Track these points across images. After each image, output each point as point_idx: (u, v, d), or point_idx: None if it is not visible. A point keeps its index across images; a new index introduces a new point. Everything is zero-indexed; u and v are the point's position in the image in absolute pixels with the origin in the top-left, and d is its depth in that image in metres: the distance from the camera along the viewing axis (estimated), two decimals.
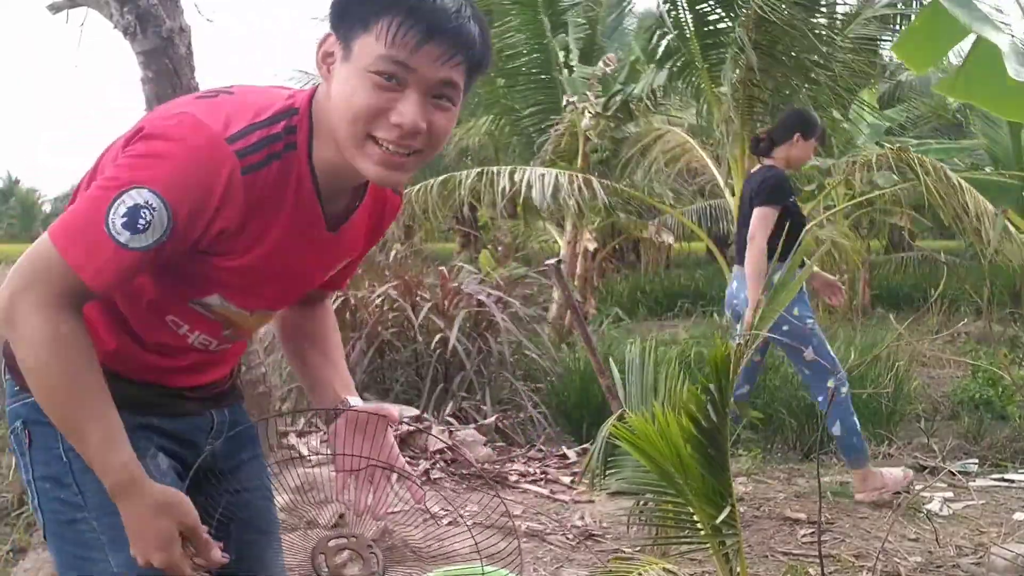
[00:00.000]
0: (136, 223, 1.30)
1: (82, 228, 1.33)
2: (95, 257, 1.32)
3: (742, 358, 2.45)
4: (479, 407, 5.88)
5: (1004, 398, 7.00)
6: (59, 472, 1.47)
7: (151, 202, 1.30)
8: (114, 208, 1.30)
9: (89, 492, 1.45)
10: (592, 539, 3.89)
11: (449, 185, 9.17)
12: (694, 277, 16.33)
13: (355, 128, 1.35)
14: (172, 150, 1.32)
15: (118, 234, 1.30)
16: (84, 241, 1.32)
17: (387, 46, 1.31)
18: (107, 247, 1.31)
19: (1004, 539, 3.83)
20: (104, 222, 1.30)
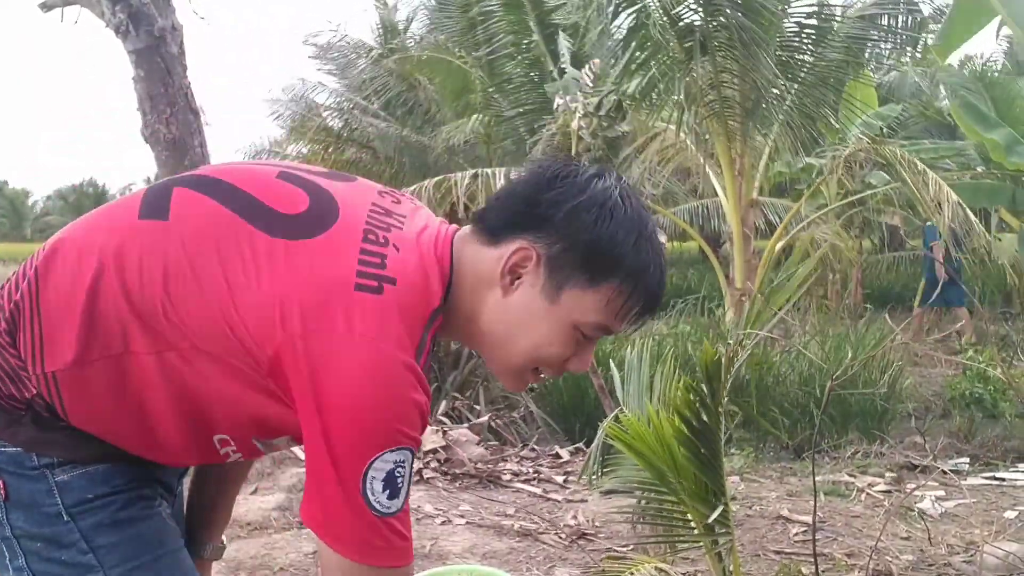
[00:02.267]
0: (396, 487, 1.22)
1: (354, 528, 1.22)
2: (397, 539, 1.26)
3: (734, 359, 2.46)
4: (472, 406, 5.89)
5: (995, 397, 7.03)
6: (59, 532, 1.29)
7: (398, 459, 1.21)
8: (369, 488, 1.20)
9: (104, 549, 1.30)
10: (585, 538, 3.89)
11: (443, 187, 9.17)
12: (687, 276, 16.35)
13: (532, 364, 1.33)
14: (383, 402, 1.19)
15: (387, 508, 1.22)
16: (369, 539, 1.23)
17: (611, 319, 1.29)
18: (394, 523, 1.24)
19: (995, 537, 3.84)
20: (370, 509, 1.21)
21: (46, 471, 1.28)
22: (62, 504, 1.28)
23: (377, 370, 1.18)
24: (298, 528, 3.83)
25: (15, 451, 1.28)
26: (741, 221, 8.53)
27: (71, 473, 1.29)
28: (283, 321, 1.18)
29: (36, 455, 1.28)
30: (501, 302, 1.30)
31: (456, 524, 4.00)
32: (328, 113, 16.84)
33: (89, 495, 1.29)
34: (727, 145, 8.44)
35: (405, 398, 1.19)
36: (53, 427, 1.28)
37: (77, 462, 1.29)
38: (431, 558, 3.60)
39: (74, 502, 1.28)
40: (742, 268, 8.50)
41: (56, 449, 1.28)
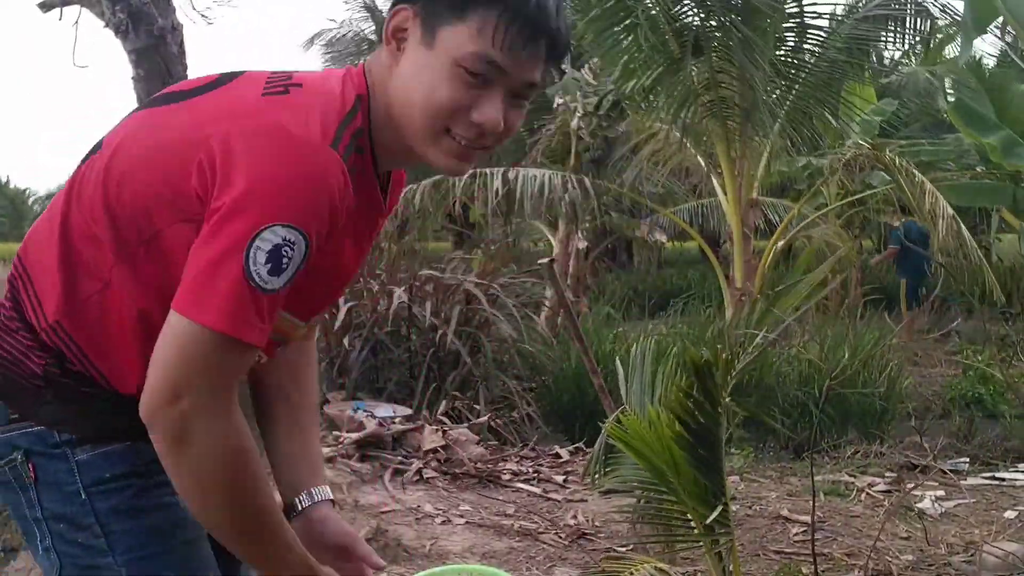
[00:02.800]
0: (280, 264, 1.18)
1: (226, 297, 1.18)
2: (251, 316, 1.19)
3: (735, 360, 2.46)
4: (472, 406, 5.88)
5: (995, 397, 7.03)
6: (77, 513, 1.32)
7: (288, 237, 1.18)
8: (251, 258, 1.17)
9: (116, 534, 1.32)
10: (585, 538, 3.89)
11: (442, 187, 9.18)
12: (687, 276, 16.35)
13: (434, 122, 1.27)
14: (291, 179, 1.19)
15: (264, 283, 1.18)
16: (236, 308, 1.18)
17: (486, 46, 1.23)
18: (258, 300, 1.19)
19: (995, 537, 3.84)
20: (247, 278, 1.17)
21: (67, 449, 1.31)
22: (80, 483, 1.31)
23: (283, 146, 1.20)
24: None
25: (40, 430, 1.31)
26: (741, 221, 8.53)
27: (90, 452, 1.32)
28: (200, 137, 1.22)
29: (58, 432, 1.31)
30: (396, 74, 1.30)
31: (456, 524, 4.00)
32: None
33: (106, 474, 1.32)
34: (726, 145, 8.44)
35: (309, 177, 1.19)
36: (74, 398, 1.31)
37: (97, 440, 1.32)
38: (431, 558, 3.60)
39: (91, 481, 1.31)
40: (742, 268, 8.51)
41: (76, 426, 1.31)
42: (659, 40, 8.06)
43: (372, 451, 4.77)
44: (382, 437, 4.85)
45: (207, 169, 1.20)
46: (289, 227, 1.18)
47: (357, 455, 4.68)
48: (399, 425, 5.02)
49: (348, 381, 5.99)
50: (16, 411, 1.33)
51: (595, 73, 10.23)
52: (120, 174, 1.28)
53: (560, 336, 7.65)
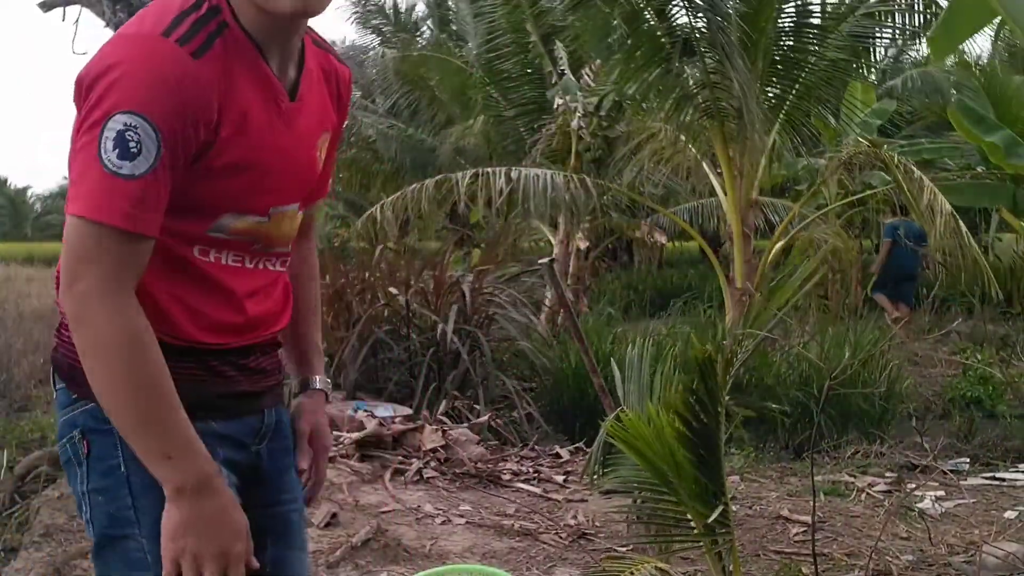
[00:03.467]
0: (128, 148, 1.27)
1: (89, 186, 1.29)
2: (115, 202, 1.28)
3: (733, 359, 2.46)
4: (472, 406, 5.88)
5: (995, 397, 7.03)
6: (114, 484, 1.41)
7: (129, 122, 1.27)
8: (102, 147, 1.27)
9: (144, 510, 1.39)
10: (585, 538, 3.89)
11: (444, 187, 9.17)
12: (687, 276, 16.34)
13: None
14: (122, 71, 1.29)
15: (118, 168, 1.28)
16: (97, 194, 1.29)
17: None
18: (118, 186, 1.28)
19: (995, 537, 3.84)
20: (102, 166, 1.27)
21: (112, 425, 1.37)
22: (121, 456, 1.39)
23: (115, 46, 1.33)
24: None
25: (93, 407, 1.39)
26: (741, 221, 8.52)
27: None
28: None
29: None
30: None
31: (456, 524, 3.99)
32: None
33: None
34: (724, 145, 8.43)
35: (137, 67, 1.29)
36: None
37: None
38: (431, 558, 3.60)
39: (131, 455, 1.37)
40: (742, 268, 8.50)
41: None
42: (651, 40, 8.04)
43: (372, 451, 4.77)
44: (382, 437, 4.85)
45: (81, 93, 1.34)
46: (129, 113, 1.27)
47: (357, 455, 4.68)
48: (399, 425, 5.02)
49: (348, 381, 5.99)
50: (76, 391, 1.43)
51: (596, 74, 10.22)
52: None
53: (560, 336, 7.65)
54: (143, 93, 1.28)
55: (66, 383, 1.46)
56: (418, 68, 14.37)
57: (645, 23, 8.02)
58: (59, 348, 1.47)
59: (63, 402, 1.46)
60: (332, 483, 4.29)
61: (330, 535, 3.71)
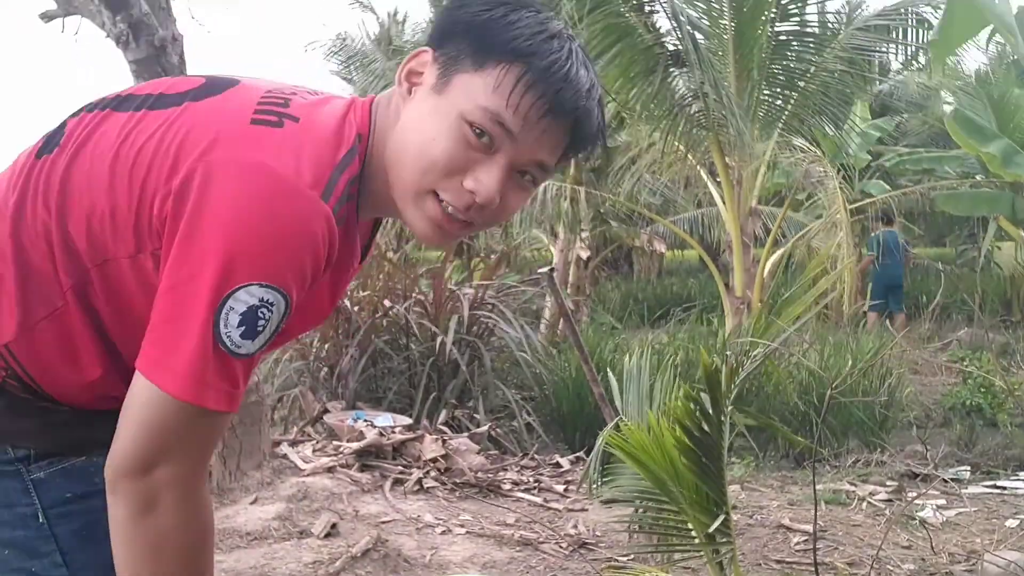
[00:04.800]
0: (256, 327, 1.06)
1: (191, 361, 1.05)
2: (222, 384, 1.07)
3: (737, 369, 2.46)
4: (472, 415, 5.88)
5: (995, 405, 7.03)
6: (32, 538, 1.19)
7: (267, 298, 1.05)
8: (224, 320, 1.04)
9: (79, 563, 1.21)
10: (586, 548, 3.88)
11: None
12: (687, 285, 16.36)
13: (423, 177, 1.12)
14: (270, 230, 1.04)
15: (237, 348, 1.06)
16: (201, 374, 1.06)
17: (499, 103, 1.09)
18: (229, 366, 1.07)
19: (997, 546, 3.83)
20: (216, 341, 1.05)
21: (21, 467, 1.18)
22: (39, 504, 1.19)
23: (266, 193, 1.04)
24: (298, 538, 3.82)
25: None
26: (740, 229, 8.53)
27: (48, 470, 1.19)
28: (175, 157, 1.08)
29: (11, 447, 1.18)
30: (400, 118, 1.16)
31: (456, 533, 3.99)
32: None
33: (67, 494, 1.20)
34: (722, 154, 8.45)
35: (295, 233, 1.05)
36: (29, 411, 1.19)
37: (54, 455, 1.20)
38: (431, 568, 3.59)
39: (51, 502, 1.19)
40: (742, 277, 8.51)
41: (32, 439, 1.19)
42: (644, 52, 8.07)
43: (372, 461, 4.76)
44: (382, 447, 4.84)
45: (178, 199, 1.06)
46: (268, 287, 1.05)
47: (357, 465, 4.67)
48: (399, 435, 5.02)
49: (347, 390, 5.99)
50: None
51: None
52: (81, 181, 1.13)
53: (560, 345, 7.65)
54: (292, 266, 1.06)
55: None
56: None
57: (637, 35, 8.05)
58: None
59: None
60: (332, 493, 4.28)
61: (330, 545, 3.70)
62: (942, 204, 11.41)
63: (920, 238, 18.86)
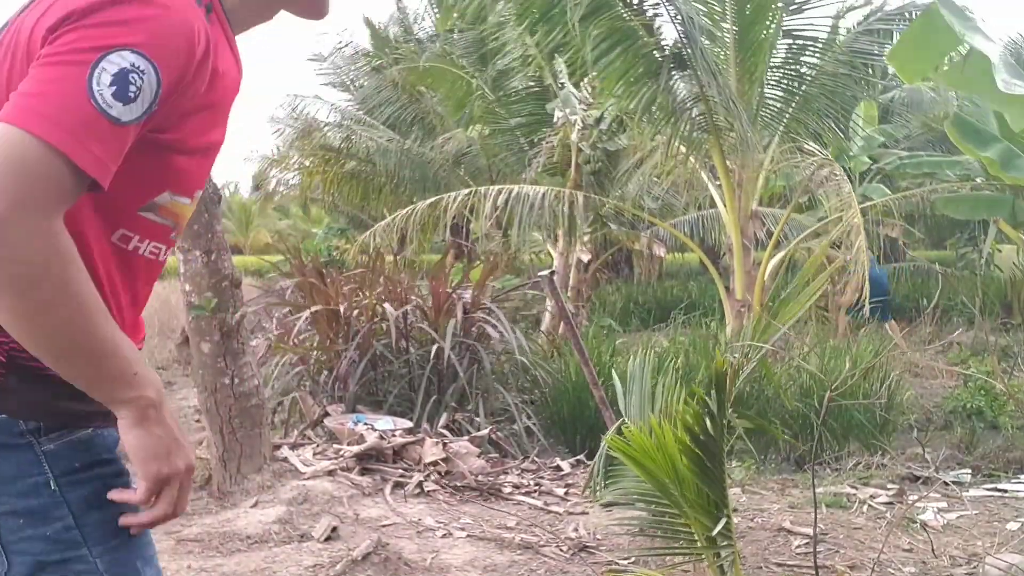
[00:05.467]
0: (127, 91, 1.11)
1: (63, 107, 1.09)
2: (91, 140, 1.10)
3: (740, 371, 2.46)
4: (472, 419, 5.88)
5: (996, 408, 7.02)
6: (45, 505, 1.25)
7: (138, 64, 1.11)
8: (96, 77, 1.09)
9: (90, 526, 1.26)
10: (586, 551, 3.88)
11: (438, 207, 9.23)
12: (687, 288, 16.36)
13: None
14: (148, 12, 1.13)
15: (109, 107, 1.10)
16: (71, 122, 1.09)
17: None
18: (101, 125, 1.10)
19: (998, 549, 3.83)
20: (90, 95, 1.09)
21: (32, 439, 1.24)
22: (51, 473, 1.25)
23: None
24: (299, 542, 3.81)
25: (1, 419, 1.23)
26: (741, 232, 8.54)
27: (57, 442, 1.25)
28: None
29: (23, 421, 1.23)
30: None
31: (457, 537, 3.98)
32: (328, 128, 16.87)
33: (76, 463, 1.26)
34: (723, 157, 8.46)
35: (170, 19, 1.14)
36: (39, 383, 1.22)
37: (62, 427, 1.26)
38: (432, 571, 3.59)
39: (62, 471, 1.25)
40: (742, 279, 8.51)
41: (42, 412, 1.24)
42: (645, 56, 8.07)
43: (373, 464, 4.76)
44: (383, 450, 4.84)
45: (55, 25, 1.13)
46: (139, 55, 1.11)
47: (358, 468, 4.67)
48: (400, 438, 5.02)
49: (348, 394, 5.99)
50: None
51: (593, 88, 10.25)
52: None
53: (560, 348, 7.65)
54: (163, 42, 1.14)
55: None
56: (423, 80, 14.40)
57: (639, 39, 8.06)
58: None
59: None
60: (332, 496, 4.28)
61: (330, 549, 3.70)
62: (942, 207, 11.41)
63: (920, 241, 18.87)
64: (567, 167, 10.31)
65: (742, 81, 8.28)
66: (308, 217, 30.39)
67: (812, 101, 8.63)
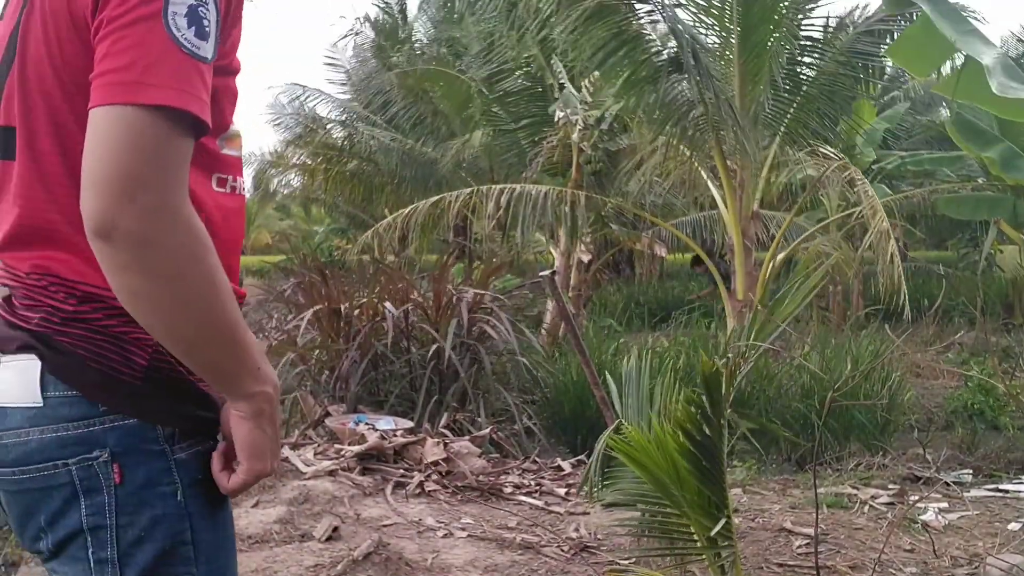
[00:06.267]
0: (203, 27, 1.08)
1: (160, 65, 1.05)
2: (197, 88, 1.07)
3: (736, 371, 2.46)
4: (473, 419, 5.88)
5: (997, 408, 7.02)
6: (167, 516, 1.20)
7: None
8: (173, 23, 1.06)
9: (202, 542, 1.23)
10: (587, 551, 3.88)
11: (439, 206, 9.24)
12: (688, 288, 16.36)
13: None
14: None
15: (197, 48, 1.07)
16: (182, 80, 1.06)
17: None
18: (199, 69, 1.08)
19: (999, 549, 3.83)
20: (177, 44, 1.06)
21: (167, 446, 1.20)
22: (180, 483, 1.21)
23: None
24: (300, 542, 3.82)
25: (135, 424, 1.18)
26: (742, 233, 8.53)
27: (187, 451, 1.22)
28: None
29: (160, 427, 1.20)
30: None
31: (458, 537, 3.98)
32: (331, 125, 16.87)
33: (199, 475, 1.23)
34: (723, 158, 8.45)
35: None
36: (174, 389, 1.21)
37: (193, 436, 1.23)
38: (433, 571, 3.59)
39: (190, 482, 1.22)
40: (743, 280, 8.50)
41: (176, 419, 1.21)
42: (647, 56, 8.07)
43: (374, 464, 4.76)
44: (384, 450, 4.84)
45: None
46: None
47: (359, 468, 4.67)
48: (400, 438, 5.02)
49: (349, 394, 5.99)
50: (103, 401, 1.18)
51: (596, 87, 10.24)
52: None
53: (561, 348, 7.66)
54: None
55: (82, 389, 1.17)
56: (423, 81, 14.41)
57: (641, 40, 8.05)
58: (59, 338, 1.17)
59: (71, 414, 1.17)
60: (334, 496, 4.28)
61: (331, 549, 3.70)
62: (943, 207, 11.40)
63: (921, 241, 18.87)
64: (568, 167, 10.31)
65: (745, 82, 8.27)
66: (309, 217, 30.42)
67: (813, 101, 8.63)
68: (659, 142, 9.43)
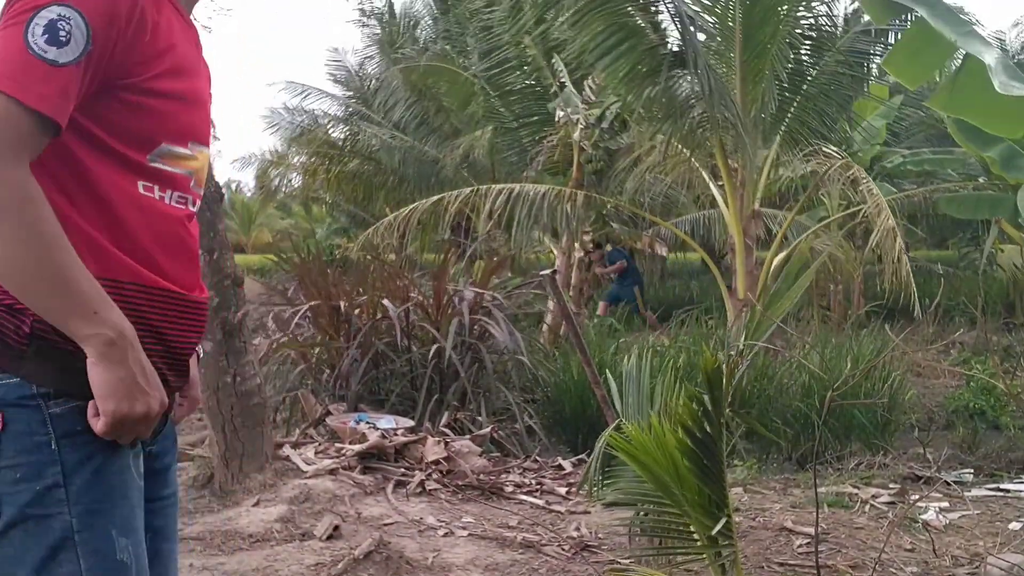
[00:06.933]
0: (58, 36, 1.30)
1: (6, 60, 1.30)
2: (32, 81, 1.29)
3: (735, 369, 2.46)
4: (474, 418, 5.87)
5: (998, 408, 7.02)
6: (41, 462, 1.37)
7: (64, 13, 1.31)
8: (30, 30, 1.29)
9: (76, 487, 1.38)
10: (588, 550, 3.88)
11: (440, 204, 9.24)
12: (689, 287, 16.35)
13: None
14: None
15: (44, 51, 1.30)
16: (15, 71, 1.29)
17: None
18: (39, 68, 1.30)
19: (999, 549, 3.83)
20: (26, 46, 1.29)
21: (41, 401, 1.38)
22: (53, 433, 1.38)
23: None
24: (300, 540, 3.82)
25: (16, 381, 1.38)
26: (743, 231, 8.53)
27: (64, 406, 1.38)
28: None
29: (36, 385, 1.38)
30: None
31: (458, 536, 3.99)
32: (331, 123, 16.85)
33: (78, 427, 1.38)
34: (724, 156, 8.44)
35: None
36: (54, 355, 1.37)
37: (70, 395, 1.38)
38: (434, 570, 3.59)
39: (63, 433, 1.38)
40: (744, 279, 8.50)
41: (53, 381, 1.38)
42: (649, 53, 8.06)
43: (374, 463, 4.77)
44: (384, 449, 4.84)
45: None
46: (63, 5, 1.30)
47: (359, 467, 4.67)
48: (401, 437, 5.02)
49: (350, 392, 5.99)
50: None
51: (597, 86, 10.24)
52: None
53: (561, 347, 7.65)
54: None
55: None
56: (425, 79, 14.40)
57: (642, 35, 8.04)
58: None
59: None
60: (334, 495, 4.28)
61: (332, 547, 3.70)
62: (944, 206, 11.39)
63: (922, 241, 18.85)
64: (569, 166, 10.30)
65: (746, 80, 8.26)
66: (310, 216, 30.41)
67: (813, 100, 8.63)
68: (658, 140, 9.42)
